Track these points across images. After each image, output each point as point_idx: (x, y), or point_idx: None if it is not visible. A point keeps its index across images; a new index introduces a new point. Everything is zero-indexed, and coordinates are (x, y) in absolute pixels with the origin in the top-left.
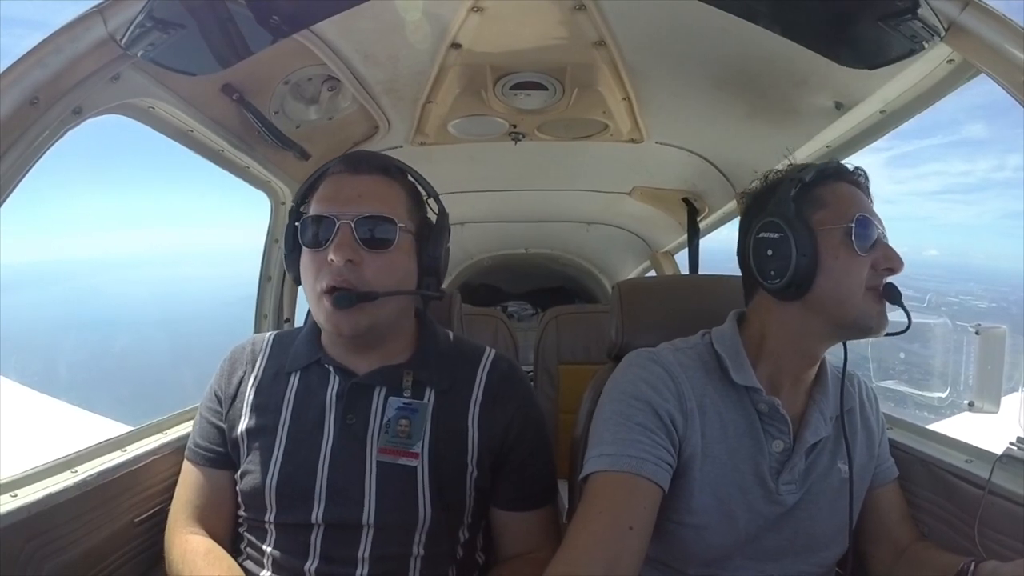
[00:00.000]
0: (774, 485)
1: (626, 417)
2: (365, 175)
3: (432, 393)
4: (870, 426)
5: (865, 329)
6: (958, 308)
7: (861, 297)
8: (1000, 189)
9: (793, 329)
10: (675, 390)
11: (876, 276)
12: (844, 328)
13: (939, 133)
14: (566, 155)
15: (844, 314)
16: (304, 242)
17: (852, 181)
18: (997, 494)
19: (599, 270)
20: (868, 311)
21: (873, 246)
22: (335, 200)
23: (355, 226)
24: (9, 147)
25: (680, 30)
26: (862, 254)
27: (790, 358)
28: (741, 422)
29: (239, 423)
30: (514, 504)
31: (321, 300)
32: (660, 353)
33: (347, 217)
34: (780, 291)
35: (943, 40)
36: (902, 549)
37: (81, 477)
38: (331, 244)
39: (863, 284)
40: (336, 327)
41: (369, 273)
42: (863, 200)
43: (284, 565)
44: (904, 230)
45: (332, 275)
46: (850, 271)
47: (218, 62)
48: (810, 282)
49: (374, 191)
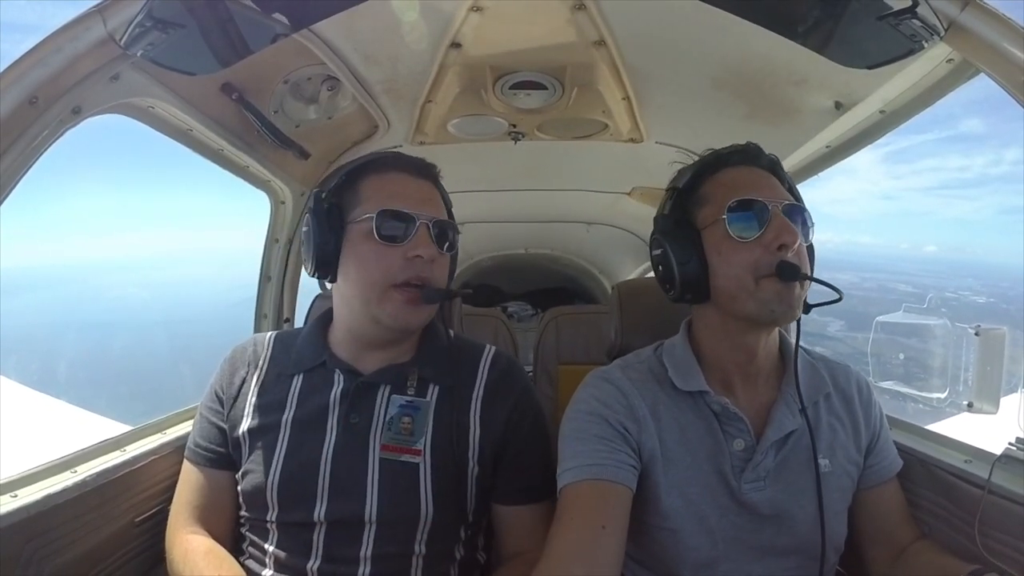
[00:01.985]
0: (736, 484)
1: (583, 432)
2: (425, 179)
3: (435, 391)
4: (856, 418)
5: (769, 319)
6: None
7: (754, 286)
8: (998, 184)
9: (715, 328)
10: (624, 402)
11: (770, 258)
12: (750, 320)
13: (936, 128)
14: (566, 155)
15: (741, 308)
16: (381, 235)
17: (737, 163)
18: (997, 494)
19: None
20: (766, 299)
21: (763, 228)
22: (409, 199)
23: (432, 227)
24: (8, 146)
25: (680, 30)
26: (745, 241)
27: (726, 356)
28: (699, 424)
29: (241, 423)
30: (513, 497)
31: (390, 294)
32: (610, 371)
33: (425, 217)
34: (679, 301)
35: (943, 39)
36: (902, 549)
37: (81, 477)
38: (412, 240)
39: (753, 272)
40: (407, 321)
41: (439, 273)
42: (749, 180)
43: (286, 564)
44: (903, 226)
45: (414, 270)
46: (733, 263)
47: (218, 61)
48: (703, 285)
49: (434, 197)
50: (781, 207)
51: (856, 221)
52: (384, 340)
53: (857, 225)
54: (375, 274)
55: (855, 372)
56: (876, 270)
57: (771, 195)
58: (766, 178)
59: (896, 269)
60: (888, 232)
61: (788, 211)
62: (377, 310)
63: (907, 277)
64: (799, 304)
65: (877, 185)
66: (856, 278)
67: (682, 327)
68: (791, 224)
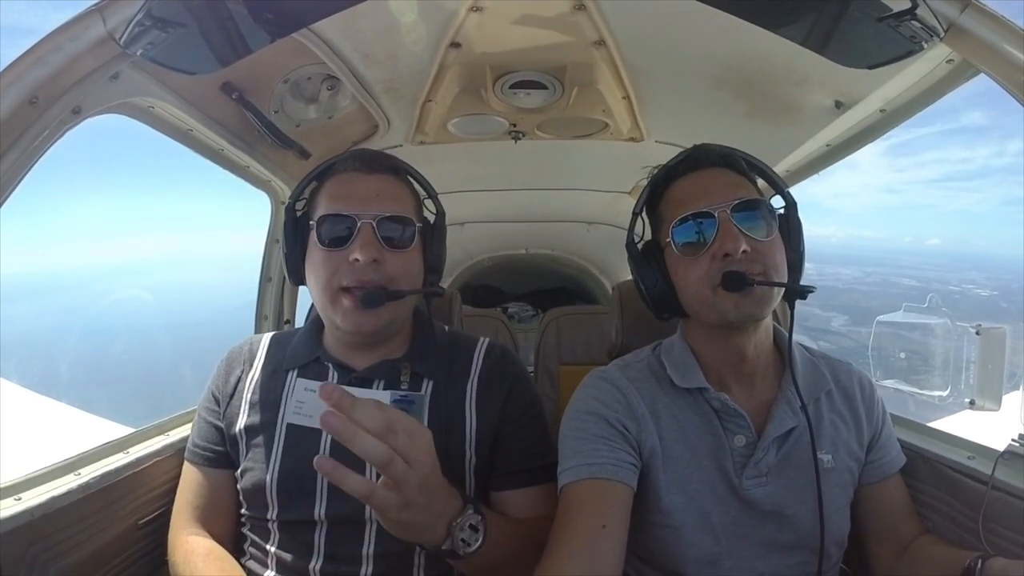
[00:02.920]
0: (737, 480)
1: (582, 431)
2: (379, 174)
3: (430, 385)
4: (858, 415)
5: (730, 325)
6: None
7: (712, 296)
8: (1001, 176)
9: (701, 335)
10: (623, 400)
11: (720, 267)
12: (720, 328)
13: (938, 121)
14: (566, 154)
15: (707, 318)
16: (321, 241)
17: (685, 172)
18: (1000, 490)
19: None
20: (722, 307)
21: (712, 238)
22: (352, 199)
23: (376, 225)
24: (9, 147)
25: (680, 29)
26: (696, 256)
27: (719, 358)
28: (699, 421)
29: (237, 421)
30: (511, 481)
31: (339, 299)
32: (608, 371)
33: (368, 216)
34: (660, 319)
35: (942, 40)
36: (906, 544)
37: (84, 480)
38: (353, 243)
39: (708, 282)
40: (357, 325)
41: (391, 272)
42: (693, 190)
43: (289, 565)
44: (906, 220)
45: (355, 274)
46: (690, 279)
47: (218, 61)
48: (675, 302)
49: (389, 191)
50: (729, 209)
51: (859, 215)
52: (361, 342)
53: (860, 219)
54: (322, 279)
55: (857, 370)
56: (879, 264)
57: (717, 199)
58: (714, 179)
59: (900, 263)
60: (891, 226)
61: (739, 210)
62: (332, 315)
63: (911, 271)
64: (763, 305)
65: (880, 178)
66: (860, 272)
67: (679, 326)
68: (735, 230)
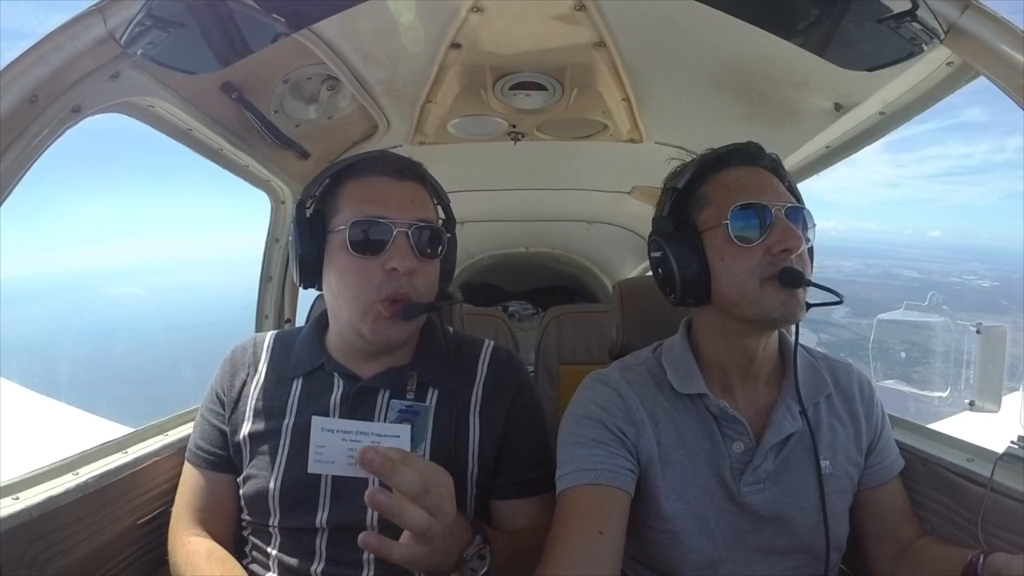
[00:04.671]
0: (736, 486)
1: (580, 436)
2: (409, 181)
3: (435, 395)
4: (858, 418)
5: (770, 322)
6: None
7: (758, 291)
8: (1001, 171)
9: (715, 330)
10: (622, 405)
11: (773, 262)
12: (753, 323)
13: (938, 117)
14: (566, 155)
15: (744, 312)
16: (354, 247)
17: (739, 163)
18: (999, 492)
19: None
20: (768, 303)
21: (766, 232)
22: (385, 204)
23: (411, 234)
24: (8, 146)
25: (680, 31)
26: (749, 245)
27: (726, 357)
28: (698, 427)
29: (242, 427)
30: (511, 491)
31: (373, 309)
32: (608, 374)
33: (403, 224)
34: (680, 303)
35: (942, 43)
36: (905, 547)
37: (83, 479)
38: (390, 251)
39: (756, 277)
40: (389, 338)
41: (421, 282)
42: (751, 182)
43: (290, 567)
44: (907, 213)
45: (392, 284)
46: (736, 269)
47: (218, 61)
48: (706, 288)
49: (420, 198)
50: (784, 210)
51: (860, 208)
52: (376, 350)
53: (861, 212)
54: (353, 289)
55: (856, 371)
56: (880, 256)
57: (774, 197)
58: (768, 179)
59: (901, 255)
60: (892, 219)
61: (790, 213)
62: (360, 325)
63: (912, 263)
64: (802, 308)
65: (881, 174)
66: (860, 264)
67: (681, 327)
68: (794, 228)
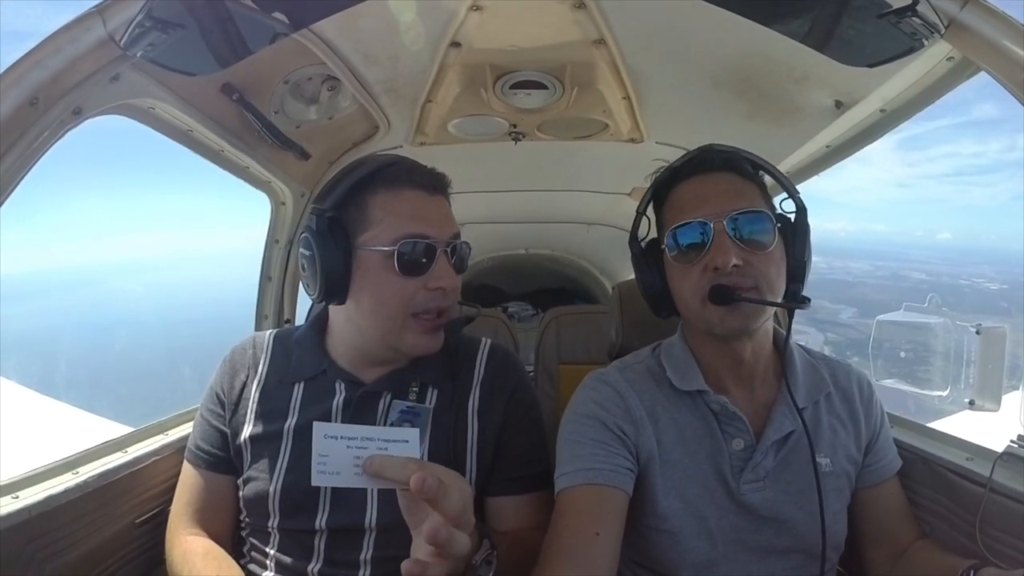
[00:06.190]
0: (735, 484)
1: (580, 435)
2: (439, 195)
3: (434, 395)
4: (857, 417)
5: (720, 337)
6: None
7: (700, 308)
8: (1013, 170)
9: (698, 337)
10: (622, 404)
11: (710, 279)
12: (709, 335)
13: (949, 114)
14: (566, 155)
15: (696, 324)
16: (402, 269)
17: (688, 175)
18: (998, 492)
19: (599, 271)
20: (709, 320)
21: (705, 249)
22: (427, 222)
23: (449, 252)
24: (9, 147)
25: (680, 29)
26: (689, 265)
27: (716, 360)
28: (698, 425)
29: (243, 430)
30: (507, 487)
31: (409, 323)
32: (607, 373)
33: (443, 243)
34: (659, 317)
35: (943, 37)
36: (903, 549)
37: (82, 478)
38: (434, 270)
39: (697, 296)
40: (428, 348)
41: (455, 297)
42: (695, 195)
43: (288, 567)
44: (917, 214)
45: (436, 301)
46: (682, 288)
47: (217, 62)
48: (671, 302)
49: (449, 213)
50: (726, 219)
51: (870, 209)
52: (394, 358)
53: (871, 213)
54: (395, 306)
55: (856, 371)
56: (890, 258)
57: (717, 208)
58: (716, 185)
59: (910, 257)
60: (902, 220)
61: (738, 220)
62: (396, 340)
63: (921, 265)
64: (750, 320)
65: (891, 173)
66: (870, 266)
67: (680, 327)
68: (727, 242)
